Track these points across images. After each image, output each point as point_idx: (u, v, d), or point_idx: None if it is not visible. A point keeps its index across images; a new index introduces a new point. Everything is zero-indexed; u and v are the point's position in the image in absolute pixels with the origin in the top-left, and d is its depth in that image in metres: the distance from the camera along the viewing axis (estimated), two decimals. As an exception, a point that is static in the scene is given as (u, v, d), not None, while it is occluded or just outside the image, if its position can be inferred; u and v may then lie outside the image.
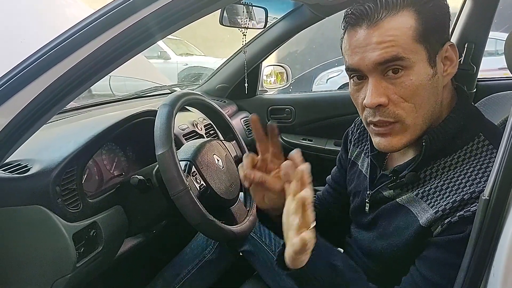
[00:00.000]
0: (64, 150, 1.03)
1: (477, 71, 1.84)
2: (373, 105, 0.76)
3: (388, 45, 0.73)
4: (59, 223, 0.96)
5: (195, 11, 0.80)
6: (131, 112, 1.27)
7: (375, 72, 0.75)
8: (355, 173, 1.02)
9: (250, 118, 0.79)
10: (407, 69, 0.74)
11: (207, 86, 2.22)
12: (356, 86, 0.81)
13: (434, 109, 0.78)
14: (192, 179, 1.10)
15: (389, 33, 0.73)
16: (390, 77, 0.75)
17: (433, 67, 0.76)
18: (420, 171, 0.81)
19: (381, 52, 0.73)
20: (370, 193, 0.91)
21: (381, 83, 0.76)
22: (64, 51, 0.79)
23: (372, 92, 0.75)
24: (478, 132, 0.79)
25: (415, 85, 0.74)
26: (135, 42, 0.80)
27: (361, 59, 0.75)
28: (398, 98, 0.76)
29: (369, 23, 0.74)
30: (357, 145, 1.03)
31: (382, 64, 0.74)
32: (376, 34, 0.73)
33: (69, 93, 0.81)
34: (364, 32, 0.75)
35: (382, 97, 0.75)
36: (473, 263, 0.62)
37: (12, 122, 0.79)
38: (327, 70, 7.11)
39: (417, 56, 0.74)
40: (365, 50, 0.74)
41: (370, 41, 0.74)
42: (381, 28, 0.73)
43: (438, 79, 0.77)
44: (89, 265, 1.04)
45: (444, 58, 0.78)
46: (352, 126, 1.08)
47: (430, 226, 0.75)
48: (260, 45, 2.03)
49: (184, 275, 1.36)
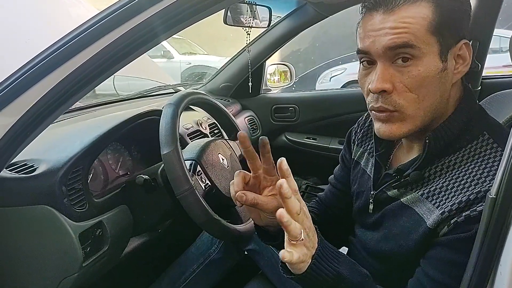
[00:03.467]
0: (70, 150, 1.03)
1: (482, 68, 1.83)
2: (377, 90, 0.76)
3: (401, 31, 0.73)
4: (65, 222, 0.96)
5: (199, 11, 0.80)
6: (136, 112, 1.28)
7: (384, 58, 0.75)
8: (358, 173, 1.01)
9: (238, 136, 0.74)
10: (417, 59, 0.74)
11: (211, 85, 2.23)
12: (365, 70, 0.81)
13: (439, 104, 0.78)
14: (197, 179, 1.10)
15: (404, 20, 0.73)
16: (399, 65, 0.75)
17: (443, 61, 0.75)
18: (425, 170, 0.81)
19: (393, 37, 0.73)
20: (374, 193, 0.91)
21: (389, 70, 0.76)
22: (70, 51, 0.79)
23: (378, 77, 0.76)
24: (482, 131, 0.79)
25: (422, 76, 0.74)
26: (140, 42, 0.80)
27: (373, 42, 0.76)
28: (402, 87, 0.75)
29: (386, 8, 0.74)
30: (361, 145, 1.03)
31: (392, 50, 0.74)
32: (391, 20, 0.74)
33: (75, 93, 0.81)
34: (380, 17, 0.75)
35: (387, 83, 0.75)
36: (479, 261, 0.62)
37: (18, 122, 0.80)
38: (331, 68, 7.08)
39: (428, 47, 0.74)
40: (378, 34, 0.75)
41: (384, 25, 0.74)
42: (397, 14, 0.73)
43: (447, 75, 0.77)
44: (95, 265, 1.05)
45: (457, 55, 0.78)
46: (356, 126, 1.07)
47: (437, 227, 0.74)
48: (264, 44, 2.03)
49: (189, 274, 1.37)
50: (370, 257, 0.93)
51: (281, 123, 2.29)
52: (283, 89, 2.49)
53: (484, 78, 1.90)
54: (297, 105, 2.24)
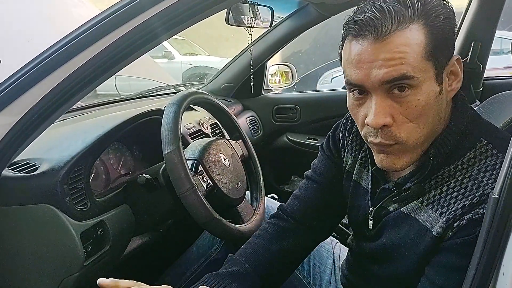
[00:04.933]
0: (72, 150, 1.03)
1: (483, 70, 1.83)
2: (377, 126, 0.71)
3: (397, 63, 0.67)
4: (67, 222, 0.96)
5: (201, 11, 0.81)
6: (137, 112, 1.28)
7: (380, 90, 0.70)
8: (350, 185, 0.96)
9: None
10: (414, 88, 0.69)
11: (213, 86, 2.23)
12: (357, 101, 0.75)
13: (436, 126, 0.75)
14: (199, 178, 1.10)
15: (399, 49, 0.67)
16: (396, 95, 0.70)
17: (439, 84, 0.72)
18: (425, 182, 0.78)
19: (389, 70, 0.68)
20: (373, 210, 0.87)
21: (386, 101, 0.71)
22: (71, 51, 0.79)
23: (377, 111, 0.70)
24: (479, 137, 0.76)
25: (422, 105, 0.70)
26: (141, 42, 0.80)
27: (366, 75, 0.69)
28: (402, 118, 0.71)
29: (377, 36, 0.68)
30: (350, 152, 0.96)
31: (389, 83, 0.69)
32: (384, 50, 0.68)
33: (76, 92, 0.82)
34: (370, 47, 0.68)
35: (387, 117, 0.70)
36: (482, 262, 0.62)
37: (20, 121, 0.80)
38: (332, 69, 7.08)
39: (425, 74, 0.69)
40: (371, 66, 0.69)
41: (377, 56, 0.68)
42: (390, 43, 0.67)
43: (443, 96, 0.73)
44: (97, 264, 1.05)
45: (449, 72, 0.74)
46: (342, 128, 1.00)
47: (442, 234, 0.73)
48: (266, 44, 2.03)
49: (190, 274, 1.36)
50: (371, 264, 0.91)
51: (283, 124, 2.29)
52: (284, 90, 2.49)
53: (485, 79, 1.90)
54: (299, 106, 2.24)
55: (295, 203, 1.03)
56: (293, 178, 2.38)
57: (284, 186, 2.38)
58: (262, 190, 1.35)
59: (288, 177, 2.41)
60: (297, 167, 2.41)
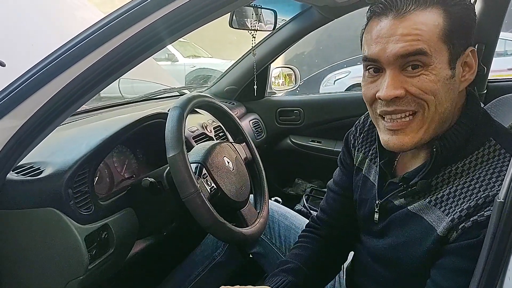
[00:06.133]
0: (76, 153, 1.03)
1: (487, 72, 1.82)
2: (389, 97, 0.73)
3: (413, 38, 0.71)
4: (71, 225, 0.96)
5: (205, 15, 0.81)
6: (141, 115, 1.28)
7: (394, 65, 0.73)
8: (360, 180, 0.98)
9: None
10: (427, 67, 0.72)
11: (216, 88, 2.23)
12: (371, 78, 0.78)
13: (450, 111, 0.76)
14: (203, 181, 1.10)
15: (416, 27, 0.71)
16: (409, 72, 0.73)
17: (452, 69, 0.74)
18: (432, 178, 0.79)
19: (405, 44, 0.71)
20: (379, 203, 0.88)
21: (399, 77, 0.73)
22: (76, 55, 0.80)
23: (389, 84, 0.73)
24: (488, 136, 0.77)
25: (434, 82, 0.72)
26: (145, 46, 0.81)
27: (382, 49, 0.73)
28: (417, 90, 0.73)
29: (396, 14, 0.72)
30: (361, 150, 0.99)
31: (404, 57, 0.72)
32: (402, 26, 0.71)
33: (80, 96, 0.82)
34: (390, 23, 0.72)
35: (398, 89, 0.73)
36: (487, 266, 0.62)
37: (25, 125, 0.80)
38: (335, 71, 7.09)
39: (439, 55, 0.72)
40: (388, 41, 0.72)
41: (395, 32, 0.72)
42: (408, 20, 0.71)
43: (455, 83, 0.75)
44: (101, 267, 1.05)
45: (464, 63, 0.76)
46: (353, 130, 1.04)
47: (447, 234, 0.73)
48: (269, 47, 2.04)
49: (194, 277, 1.37)
50: (376, 264, 0.92)
51: (286, 126, 2.29)
52: (287, 92, 2.49)
53: (489, 81, 1.90)
54: (302, 108, 2.24)
55: (322, 215, 1.09)
56: (297, 181, 2.38)
57: (288, 189, 2.38)
58: (266, 193, 1.35)
59: (292, 179, 2.41)
60: (300, 169, 2.41)
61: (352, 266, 1.07)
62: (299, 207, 1.99)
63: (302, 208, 1.98)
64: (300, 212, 1.84)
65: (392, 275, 0.87)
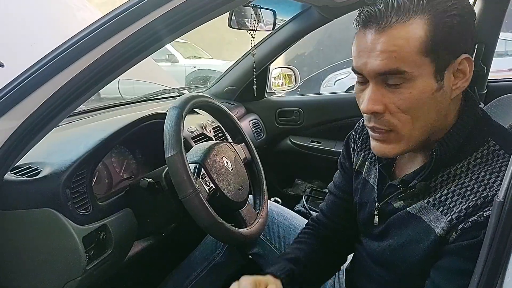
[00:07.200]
0: (74, 153, 1.03)
1: (487, 72, 1.82)
2: (368, 111, 0.75)
3: (389, 56, 0.70)
4: (69, 226, 0.96)
5: (203, 14, 0.81)
6: (140, 115, 1.28)
7: (376, 79, 0.73)
8: (360, 183, 0.98)
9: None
10: (408, 82, 0.71)
11: (216, 89, 2.23)
12: (359, 87, 0.79)
13: (434, 121, 0.75)
14: (202, 182, 1.09)
15: (394, 43, 0.70)
16: (391, 86, 0.73)
17: (438, 81, 0.72)
18: (430, 180, 0.79)
19: (381, 62, 0.71)
20: (379, 205, 0.88)
21: (380, 90, 0.74)
22: (74, 55, 0.79)
23: (369, 98, 0.74)
24: (487, 138, 0.77)
25: (414, 99, 0.72)
26: (144, 45, 0.80)
27: (364, 64, 0.73)
28: (395, 108, 0.73)
29: (378, 27, 0.71)
30: (360, 153, 1.00)
31: (382, 75, 0.72)
32: (381, 41, 0.71)
33: (79, 96, 0.82)
34: (371, 37, 0.72)
35: (378, 104, 0.74)
36: (487, 266, 0.61)
37: (23, 125, 0.80)
38: (335, 72, 7.09)
39: (421, 69, 0.70)
40: (369, 56, 0.72)
41: (374, 47, 0.71)
42: (388, 35, 0.70)
43: (444, 93, 0.74)
44: (99, 268, 1.04)
45: (456, 70, 0.74)
46: (353, 133, 1.04)
47: (446, 234, 0.73)
48: (269, 48, 2.03)
49: (193, 277, 1.36)
50: (376, 265, 0.92)
51: (286, 127, 2.29)
52: (287, 93, 2.49)
53: (490, 82, 1.90)
54: (302, 109, 2.24)
55: (322, 217, 1.10)
56: (296, 181, 2.38)
57: (287, 190, 2.38)
58: (265, 194, 1.35)
59: (291, 180, 2.41)
60: (300, 170, 2.40)
61: (351, 266, 1.07)
62: (299, 208, 1.99)
63: (302, 208, 1.97)
64: (299, 212, 1.83)
65: (391, 276, 0.87)
